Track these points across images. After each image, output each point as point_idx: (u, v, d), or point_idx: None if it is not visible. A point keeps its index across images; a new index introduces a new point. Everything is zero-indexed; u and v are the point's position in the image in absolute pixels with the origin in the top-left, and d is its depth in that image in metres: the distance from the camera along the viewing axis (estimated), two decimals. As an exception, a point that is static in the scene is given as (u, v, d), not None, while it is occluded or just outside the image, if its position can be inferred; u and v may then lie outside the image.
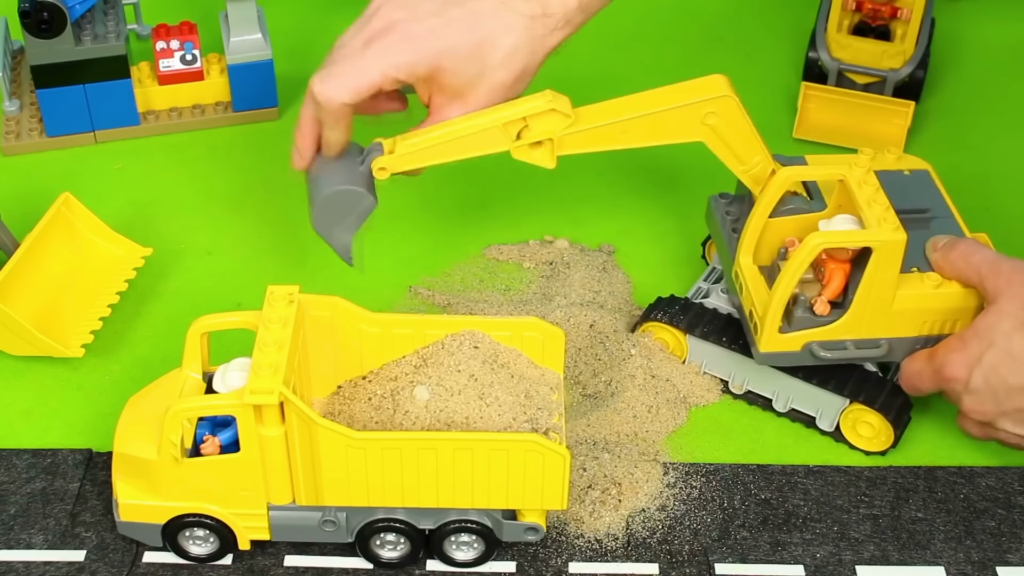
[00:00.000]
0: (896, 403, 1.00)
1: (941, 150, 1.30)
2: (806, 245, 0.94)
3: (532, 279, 1.16)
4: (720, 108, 0.98)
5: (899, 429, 1.01)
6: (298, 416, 0.86)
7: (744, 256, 1.01)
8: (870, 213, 0.95)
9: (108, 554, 0.94)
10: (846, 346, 0.98)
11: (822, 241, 0.94)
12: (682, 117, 0.99)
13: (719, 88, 0.98)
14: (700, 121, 0.99)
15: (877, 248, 0.93)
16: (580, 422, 1.02)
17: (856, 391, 1.00)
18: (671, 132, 0.99)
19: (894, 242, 0.93)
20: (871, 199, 0.96)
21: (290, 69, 1.36)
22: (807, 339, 0.97)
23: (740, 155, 1.00)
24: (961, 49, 1.43)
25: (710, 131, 0.99)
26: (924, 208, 1.04)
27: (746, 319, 1.01)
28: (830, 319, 0.97)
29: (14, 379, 1.07)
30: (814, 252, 0.94)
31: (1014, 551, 0.96)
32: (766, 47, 1.43)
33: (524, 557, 0.95)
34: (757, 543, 0.96)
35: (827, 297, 0.97)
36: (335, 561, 0.94)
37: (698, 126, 0.99)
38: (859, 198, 0.96)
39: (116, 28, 1.24)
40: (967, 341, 0.94)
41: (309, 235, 1.20)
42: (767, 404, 1.05)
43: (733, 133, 0.99)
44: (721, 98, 0.98)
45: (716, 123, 0.99)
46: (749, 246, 1.01)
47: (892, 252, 0.94)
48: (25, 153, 1.28)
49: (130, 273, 1.14)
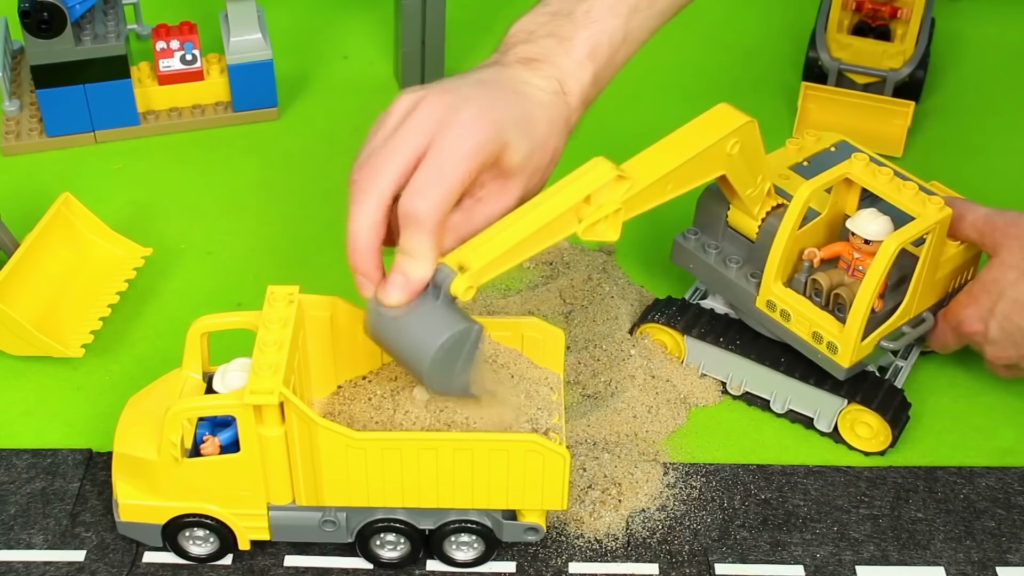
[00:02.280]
0: (894, 403, 1.00)
1: (941, 150, 1.30)
2: (886, 251, 0.93)
3: (532, 279, 1.16)
4: (743, 135, 0.94)
5: (897, 429, 1.00)
6: (298, 416, 0.86)
7: (775, 284, 0.99)
8: (903, 198, 0.96)
9: (108, 554, 0.94)
10: (904, 331, 1.00)
11: (900, 242, 0.94)
12: (712, 155, 0.93)
13: (735, 116, 0.94)
14: (726, 154, 0.94)
15: (935, 229, 0.95)
16: (580, 422, 1.02)
17: (854, 391, 1.00)
18: (702, 172, 0.94)
19: (946, 218, 0.96)
20: (894, 186, 0.97)
21: (290, 69, 1.37)
22: (877, 338, 0.98)
23: (752, 177, 0.98)
24: (961, 49, 1.43)
25: (733, 160, 0.95)
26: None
27: (803, 343, 0.99)
28: (889, 310, 0.98)
29: (14, 379, 1.07)
30: (894, 255, 0.94)
31: (1014, 551, 0.96)
32: (766, 47, 1.43)
33: (524, 557, 0.95)
34: (757, 543, 0.96)
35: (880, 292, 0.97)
36: (335, 561, 0.94)
37: (724, 159, 0.94)
38: (879, 188, 0.97)
39: (116, 28, 1.24)
40: (977, 296, 0.99)
41: (309, 235, 1.20)
42: (766, 405, 1.05)
43: (751, 156, 0.96)
44: (744, 125, 0.94)
45: (739, 151, 0.95)
46: (781, 272, 0.99)
47: (944, 228, 0.97)
48: (25, 153, 1.28)
49: (130, 273, 1.14)
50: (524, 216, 0.87)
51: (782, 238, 0.97)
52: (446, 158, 0.84)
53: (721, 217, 1.03)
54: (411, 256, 0.84)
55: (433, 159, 0.84)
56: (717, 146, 0.93)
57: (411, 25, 1.31)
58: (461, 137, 0.85)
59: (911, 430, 1.03)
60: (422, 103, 0.87)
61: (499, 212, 0.88)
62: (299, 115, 1.34)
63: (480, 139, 0.85)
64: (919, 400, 1.05)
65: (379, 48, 1.42)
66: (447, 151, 0.84)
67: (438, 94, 0.87)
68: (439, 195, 0.84)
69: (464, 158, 0.84)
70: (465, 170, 0.84)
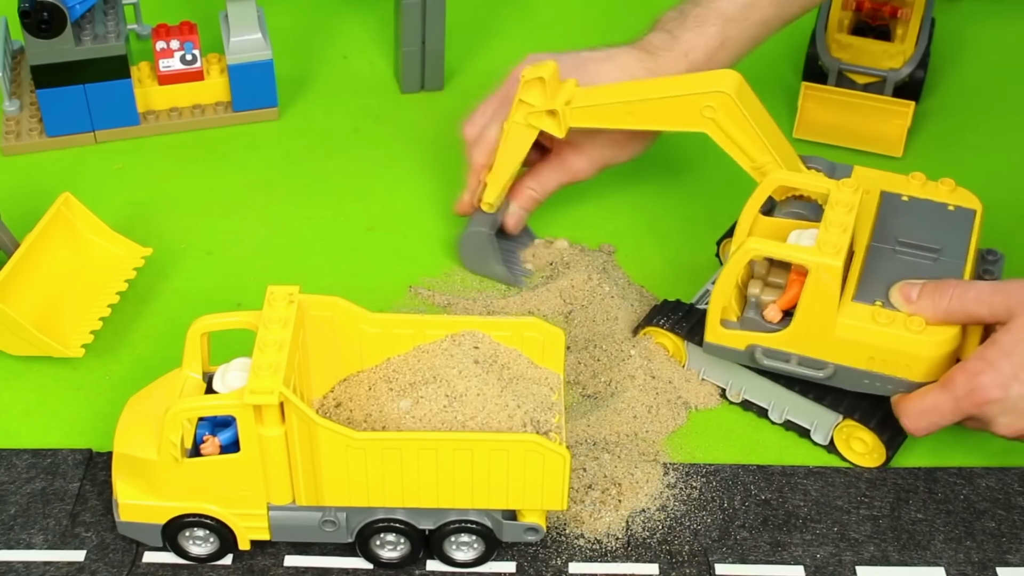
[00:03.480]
0: (891, 422, 0.99)
1: (941, 150, 1.30)
2: (740, 249, 0.94)
3: (532, 279, 1.16)
4: (717, 103, 1.00)
5: (892, 449, 1.00)
6: (298, 416, 0.86)
7: (731, 247, 1.01)
8: (824, 233, 0.94)
9: (108, 554, 0.94)
10: (789, 358, 0.97)
11: (754, 249, 0.94)
12: (681, 106, 1.02)
13: (721, 84, 1.00)
14: (699, 113, 1.01)
15: (812, 269, 0.93)
16: (580, 422, 1.02)
17: (852, 408, 0.99)
18: (671, 119, 1.03)
19: (827, 266, 0.92)
20: (836, 221, 0.94)
21: (290, 69, 1.36)
22: (751, 341, 0.98)
23: (747, 152, 1.02)
24: (961, 49, 1.43)
25: (712, 124, 1.02)
26: (936, 247, 1.00)
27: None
28: (775, 327, 0.97)
29: (14, 379, 1.07)
30: (745, 257, 0.94)
31: (1014, 552, 0.96)
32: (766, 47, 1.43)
33: (524, 557, 0.95)
34: (757, 543, 0.96)
35: (780, 305, 0.97)
36: (335, 561, 0.94)
37: (698, 118, 1.02)
38: (826, 216, 0.95)
39: (116, 28, 1.24)
40: (995, 362, 0.91)
41: (309, 235, 1.20)
42: (764, 413, 1.05)
43: (736, 130, 1.01)
44: (716, 94, 1.00)
45: (716, 117, 1.01)
46: (738, 239, 1.01)
47: (827, 275, 0.93)
48: (25, 153, 1.28)
49: (130, 273, 1.14)
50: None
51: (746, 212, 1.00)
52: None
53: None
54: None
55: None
56: (687, 100, 1.01)
57: (411, 25, 1.31)
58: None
59: (911, 430, 1.03)
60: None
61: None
62: (299, 115, 1.34)
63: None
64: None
65: (379, 48, 1.42)
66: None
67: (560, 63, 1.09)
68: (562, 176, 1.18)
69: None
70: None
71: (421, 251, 1.19)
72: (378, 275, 1.16)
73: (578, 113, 1.06)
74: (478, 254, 1.15)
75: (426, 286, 1.15)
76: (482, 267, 1.16)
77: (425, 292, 1.14)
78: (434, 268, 1.17)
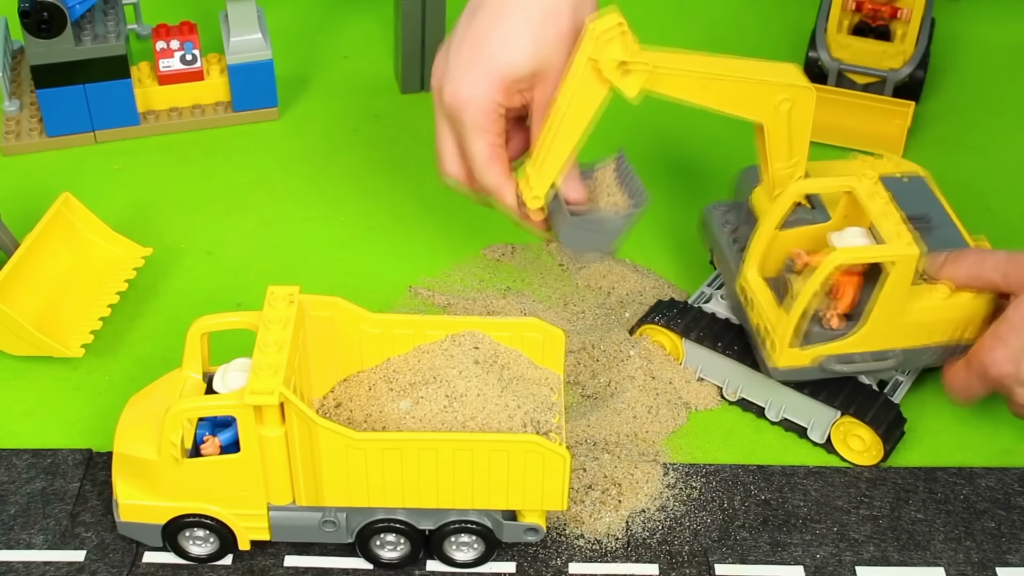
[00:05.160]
0: (888, 418, 1.00)
1: (941, 150, 1.30)
2: (827, 264, 0.93)
3: (533, 279, 1.16)
4: (796, 97, 0.96)
5: (890, 444, 1.00)
6: (298, 416, 0.86)
7: (750, 270, 1.00)
8: (883, 226, 0.94)
9: (108, 554, 0.94)
10: (858, 359, 0.97)
11: (843, 260, 0.93)
12: (760, 93, 0.96)
13: (798, 76, 0.97)
14: (774, 105, 0.97)
15: (898, 262, 0.93)
16: (580, 423, 1.02)
17: (847, 403, 1.00)
18: (744, 104, 0.97)
19: (909, 256, 0.93)
20: (883, 212, 0.95)
21: (290, 69, 1.37)
22: (820, 353, 0.97)
23: (791, 150, 0.99)
24: (961, 49, 1.43)
25: (780, 117, 0.97)
26: (925, 215, 1.03)
27: (754, 333, 1.00)
28: (843, 332, 0.96)
29: (14, 379, 1.07)
30: (833, 272, 0.93)
31: (1014, 552, 0.96)
32: (766, 47, 1.43)
33: (524, 557, 0.95)
34: (757, 544, 0.96)
35: (840, 311, 0.96)
36: (335, 561, 0.94)
37: (770, 108, 0.97)
38: (871, 211, 0.95)
39: (116, 28, 1.24)
40: (1004, 337, 0.94)
41: (309, 235, 1.20)
42: (761, 412, 1.05)
43: (799, 126, 0.98)
44: (802, 88, 0.96)
45: (788, 110, 0.97)
46: (755, 260, 1.00)
47: (907, 267, 0.94)
48: (25, 153, 1.28)
49: (130, 273, 1.14)
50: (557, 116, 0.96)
51: (764, 228, 0.98)
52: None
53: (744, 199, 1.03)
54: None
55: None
56: (768, 88, 0.96)
57: (411, 25, 1.31)
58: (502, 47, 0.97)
59: (911, 430, 1.03)
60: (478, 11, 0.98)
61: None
62: (299, 115, 1.34)
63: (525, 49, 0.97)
64: (919, 400, 1.05)
65: (379, 48, 1.42)
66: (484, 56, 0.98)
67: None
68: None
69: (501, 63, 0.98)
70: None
71: (421, 251, 1.19)
72: (378, 275, 1.16)
73: (658, 77, 0.94)
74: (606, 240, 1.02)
75: (426, 286, 1.15)
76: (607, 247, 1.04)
77: (425, 292, 1.14)
78: (434, 268, 1.17)
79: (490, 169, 1.00)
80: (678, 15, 1.48)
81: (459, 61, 0.98)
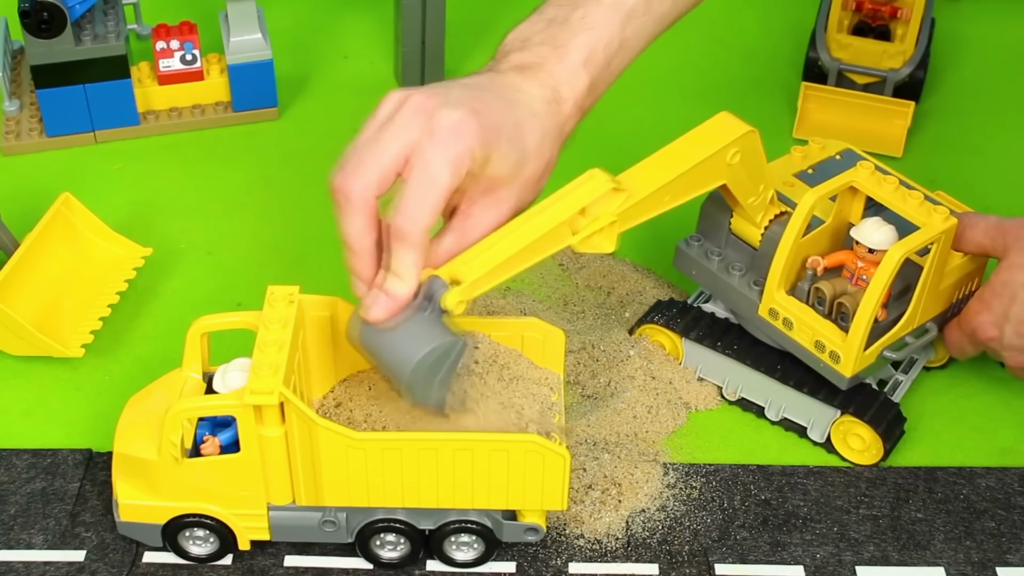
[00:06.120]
0: (888, 417, 1.00)
1: (941, 150, 1.30)
2: (890, 260, 0.92)
3: (533, 279, 1.16)
4: (744, 145, 0.94)
5: (890, 443, 1.00)
6: (298, 416, 0.86)
7: (778, 292, 0.98)
8: (906, 208, 0.95)
9: (108, 554, 0.94)
10: (907, 341, 0.99)
11: (905, 251, 0.93)
12: (713, 164, 0.93)
13: (736, 125, 0.94)
14: (726, 164, 0.94)
15: (943, 239, 0.95)
16: (580, 422, 1.02)
17: (847, 402, 1.00)
18: (702, 182, 0.94)
19: (951, 228, 0.95)
20: (898, 194, 0.96)
21: (290, 69, 1.36)
22: (880, 348, 0.97)
23: (753, 186, 0.98)
24: (961, 49, 1.43)
25: (733, 171, 0.95)
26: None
27: (806, 352, 0.99)
28: (892, 320, 0.97)
29: (14, 379, 1.07)
30: (898, 265, 0.93)
31: (1014, 551, 0.96)
32: (766, 47, 1.43)
33: (524, 557, 0.95)
34: (757, 543, 0.96)
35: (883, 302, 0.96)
36: (335, 561, 0.94)
37: (724, 169, 0.94)
38: (882, 197, 0.96)
39: (116, 28, 1.24)
40: (989, 302, 0.98)
41: (309, 235, 1.20)
42: (761, 412, 1.05)
43: (752, 165, 0.96)
44: (745, 135, 0.94)
45: (740, 161, 0.94)
46: (784, 279, 0.98)
47: (949, 239, 0.96)
48: (25, 153, 1.28)
49: (130, 273, 1.14)
50: (518, 229, 0.87)
51: (785, 246, 0.97)
52: (429, 171, 0.84)
53: (724, 224, 1.02)
54: (396, 275, 0.85)
55: (416, 172, 0.84)
56: (717, 156, 0.93)
57: (411, 25, 1.31)
58: (443, 146, 0.84)
59: (911, 430, 1.03)
60: (406, 104, 0.86)
61: (493, 226, 0.88)
62: (299, 115, 1.34)
63: (462, 148, 0.84)
64: (919, 400, 1.05)
65: (379, 48, 1.42)
66: (430, 163, 0.84)
67: (424, 96, 0.86)
68: (423, 212, 0.84)
69: (446, 169, 0.84)
70: (448, 182, 0.84)
71: (421, 251, 1.18)
72: (378, 275, 1.16)
73: (626, 215, 0.90)
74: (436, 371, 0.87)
75: (426, 286, 1.15)
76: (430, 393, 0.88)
77: (425, 292, 1.14)
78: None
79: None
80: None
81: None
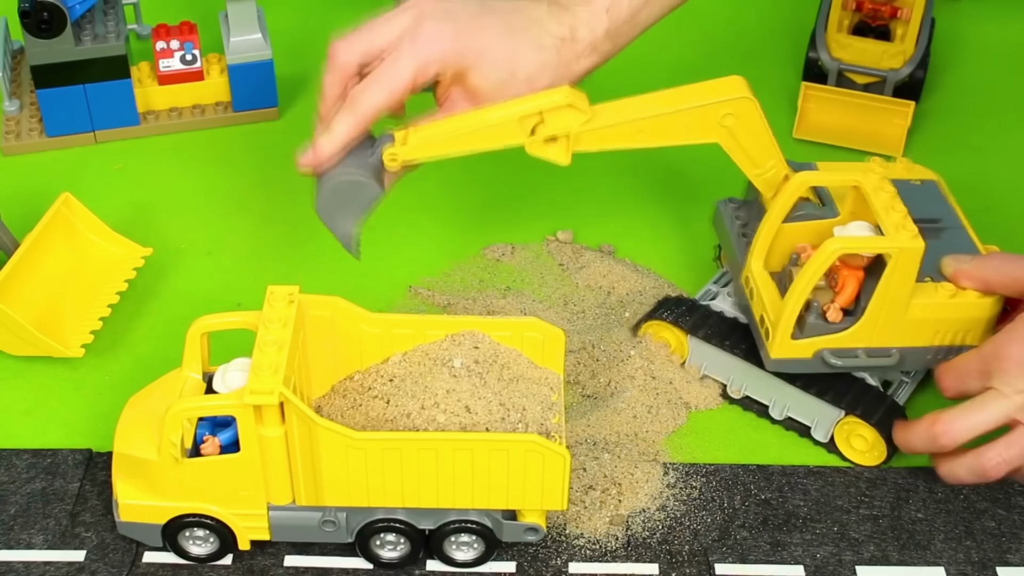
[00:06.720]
0: (893, 419, 0.99)
1: (941, 150, 1.30)
2: (824, 250, 0.93)
3: (533, 279, 1.16)
4: (738, 110, 0.96)
5: (893, 446, 1.00)
6: (298, 416, 0.86)
7: (755, 261, 1.00)
8: (888, 220, 0.94)
9: (108, 554, 0.94)
10: (857, 354, 0.97)
11: (840, 247, 0.93)
12: (699, 117, 0.96)
13: (738, 89, 0.97)
14: (717, 122, 0.97)
15: (895, 255, 0.93)
16: (580, 422, 1.02)
17: (853, 404, 0.99)
18: (687, 133, 0.97)
19: (912, 250, 0.92)
20: (888, 206, 0.95)
21: (290, 69, 1.36)
22: (818, 346, 0.97)
23: (755, 158, 0.99)
24: (961, 49, 1.43)
25: (727, 133, 0.97)
26: (936, 218, 1.03)
27: (756, 325, 1.00)
28: (842, 326, 0.96)
29: (14, 379, 1.07)
30: (832, 257, 0.93)
31: (1014, 551, 0.96)
32: (766, 47, 1.43)
33: (524, 557, 0.95)
34: (757, 543, 0.96)
35: (840, 304, 0.96)
36: (335, 561, 0.94)
37: (715, 127, 0.97)
38: (876, 204, 0.95)
39: (116, 28, 1.25)
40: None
41: (309, 235, 1.20)
42: (764, 410, 1.05)
43: (750, 136, 0.98)
44: (740, 99, 0.96)
45: (733, 125, 0.97)
46: (761, 251, 1.00)
47: (910, 260, 0.93)
48: (25, 153, 1.28)
49: (130, 273, 1.14)
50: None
51: (769, 221, 0.98)
52: (396, 64, 0.96)
53: (758, 194, 1.03)
54: (328, 130, 0.97)
55: (387, 61, 0.97)
56: (705, 110, 0.96)
57: (411, 25, 1.30)
58: (416, 48, 0.96)
59: (911, 430, 1.03)
60: (417, 4, 0.98)
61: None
62: (299, 115, 1.34)
63: (431, 54, 0.96)
64: (921, 401, 1.05)
65: (379, 48, 1.42)
66: (399, 59, 0.97)
67: (433, 3, 0.98)
68: (376, 92, 0.96)
69: (410, 67, 0.96)
70: (407, 77, 0.96)
71: (421, 251, 1.19)
72: (378, 275, 1.16)
73: (587, 136, 0.97)
74: (349, 203, 1.00)
75: (426, 286, 1.15)
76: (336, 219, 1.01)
77: (425, 292, 1.14)
78: (434, 268, 1.17)
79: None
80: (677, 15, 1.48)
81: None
